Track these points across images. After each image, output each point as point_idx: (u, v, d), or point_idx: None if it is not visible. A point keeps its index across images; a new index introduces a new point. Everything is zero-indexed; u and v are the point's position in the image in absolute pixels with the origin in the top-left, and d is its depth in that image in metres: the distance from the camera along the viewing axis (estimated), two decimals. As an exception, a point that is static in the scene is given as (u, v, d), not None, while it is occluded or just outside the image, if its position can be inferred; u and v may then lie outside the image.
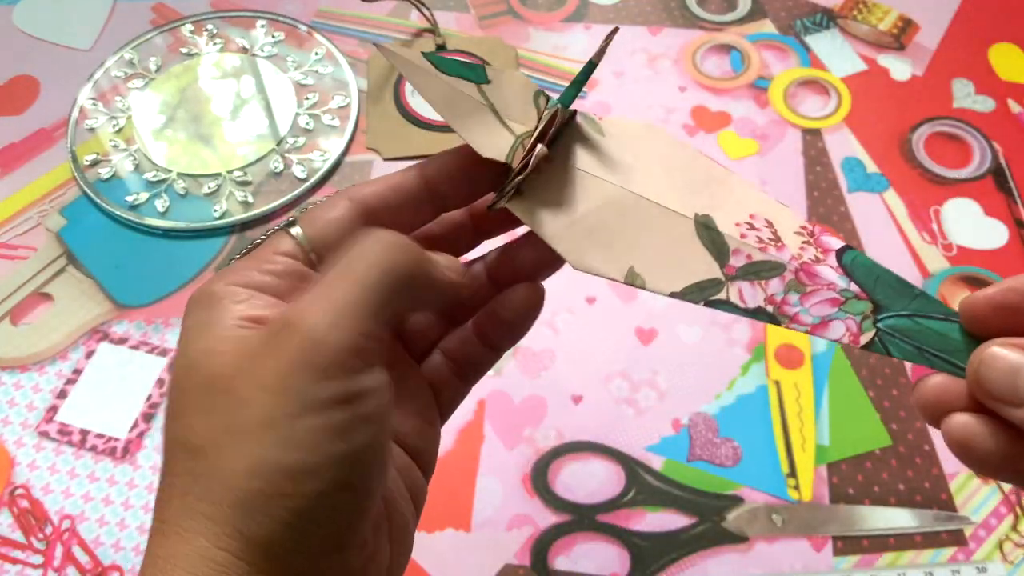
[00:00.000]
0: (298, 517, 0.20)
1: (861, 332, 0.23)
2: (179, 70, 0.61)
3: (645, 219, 0.25)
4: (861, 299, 0.23)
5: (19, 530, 0.44)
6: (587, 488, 0.45)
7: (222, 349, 0.21)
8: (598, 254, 0.24)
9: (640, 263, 0.24)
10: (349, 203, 0.25)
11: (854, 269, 0.24)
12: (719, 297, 0.23)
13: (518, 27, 0.64)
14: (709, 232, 0.24)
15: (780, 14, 0.64)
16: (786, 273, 0.24)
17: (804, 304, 0.23)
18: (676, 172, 0.26)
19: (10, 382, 0.48)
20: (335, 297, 0.21)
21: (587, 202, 0.25)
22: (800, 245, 0.24)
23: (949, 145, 0.58)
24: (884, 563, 0.43)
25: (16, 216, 0.55)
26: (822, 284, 0.23)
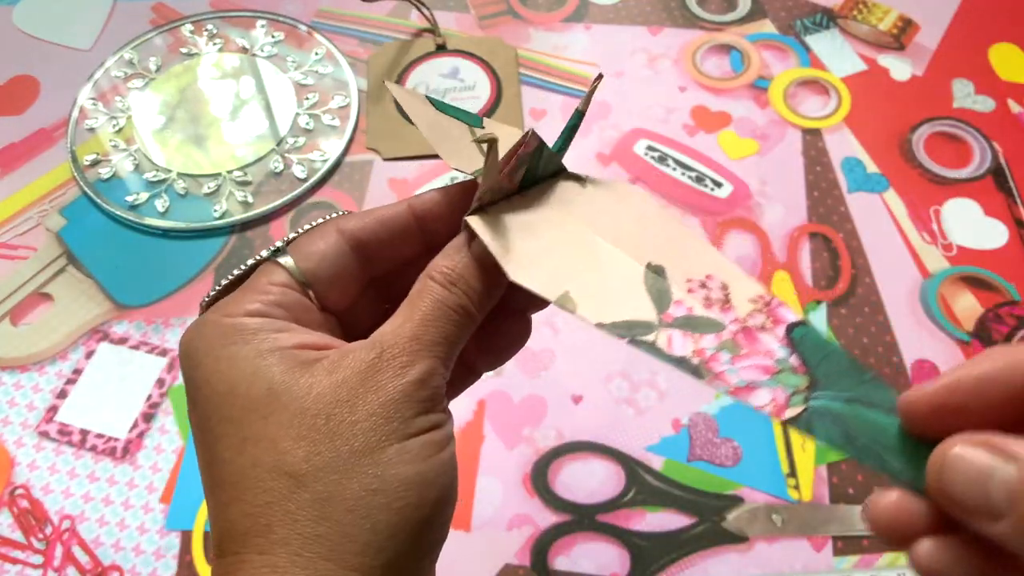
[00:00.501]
0: (425, 525, 0.22)
1: (788, 406, 0.21)
2: (179, 70, 0.61)
3: (596, 257, 0.25)
4: (798, 373, 0.22)
5: (19, 530, 0.44)
6: (587, 488, 0.45)
7: (309, 379, 0.22)
8: (538, 273, 0.24)
9: (577, 290, 0.24)
10: (339, 236, 0.26)
11: (802, 343, 0.23)
12: (646, 339, 0.23)
13: (518, 27, 0.64)
14: (656, 280, 0.24)
15: (780, 14, 0.64)
16: (723, 332, 0.23)
17: (734, 364, 0.22)
18: (646, 226, 0.26)
19: (10, 382, 0.48)
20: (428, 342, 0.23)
21: (545, 232, 0.25)
22: (749, 312, 0.23)
23: (949, 145, 0.58)
24: (884, 563, 0.43)
25: (16, 216, 0.55)
26: (759, 351, 0.23)
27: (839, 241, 0.53)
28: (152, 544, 0.43)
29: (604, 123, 0.58)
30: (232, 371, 0.22)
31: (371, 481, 0.21)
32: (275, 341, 0.23)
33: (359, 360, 0.22)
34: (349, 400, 0.22)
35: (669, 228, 0.26)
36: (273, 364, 0.22)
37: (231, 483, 0.21)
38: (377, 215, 0.26)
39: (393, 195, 0.55)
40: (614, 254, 0.25)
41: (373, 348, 0.23)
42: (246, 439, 0.22)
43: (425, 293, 0.24)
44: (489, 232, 0.25)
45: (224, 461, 0.22)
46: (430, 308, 0.23)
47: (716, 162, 0.57)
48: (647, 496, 0.45)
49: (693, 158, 0.57)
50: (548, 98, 0.60)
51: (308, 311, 0.25)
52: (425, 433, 0.22)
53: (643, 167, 0.56)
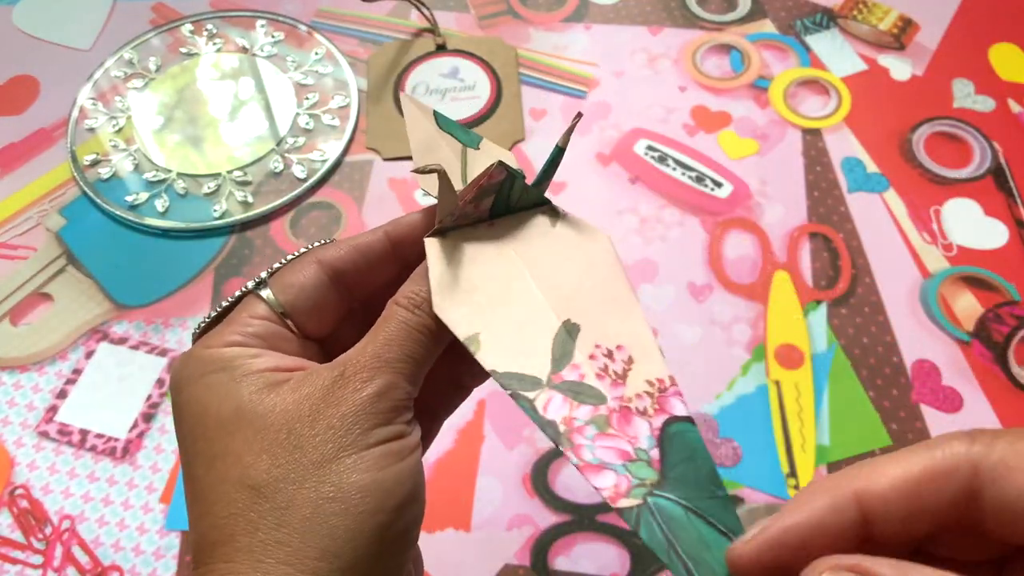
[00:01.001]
0: (385, 530, 0.22)
1: (627, 494, 0.21)
2: (178, 70, 0.61)
3: (521, 303, 0.25)
4: (651, 467, 0.22)
5: (19, 530, 0.44)
6: (587, 488, 0.45)
7: (274, 397, 0.23)
8: (461, 310, 0.25)
9: (488, 334, 0.24)
10: (318, 267, 0.27)
11: (671, 440, 0.22)
12: (526, 395, 0.23)
13: (518, 27, 0.64)
14: (565, 340, 0.24)
15: (780, 14, 0.64)
16: (601, 407, 0.23)
17: (595, 442, 0.22)
18: (588, 280, 0.26)
19: (10, 382, 0.48)
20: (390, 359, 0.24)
21: (487, 267, 0.26)
22: (638, 392, 0.23)
23: (949, 145, 0.58)
24: (884, 563, 0.43)
25: (16, 216, 0.55)
26: (626, 435, 0.22)
27: (839, 241, 0.53)
28: (152, 544, 0.43)
29: (604, 123, 0.58)
30: (208, 395, 0.24)
31: (328, 489, 0.22)
32: (249, 366, 0.24)
33: (323, 377, 0.24)
34: (310, 415, 0.23)
35: (610, 287, 0.26)
36: (243, 386, 0.24)
37: (202, 498, 0.23)
38: (355, 244, 0.27)
39: (393, 195, 0.55)
40: (539, 304, 0.25)
41: (337, 367, 0.24)
42: (215, 456, 0.23)
43: (390, 317, 0.25)
44: (437, 256, 0.25)
45: (197, 478, 0.23)
46: (394, 329, 0.25)
47: (716, 162, 0.56)
48: (647, 496, 0.45)
49: (693, 158, 0.57)
50: (548, 98, 0.59)
51: (287, 340, 0.26)
52: (384, 444, 0.23)
53: (643, 167, 0.56)
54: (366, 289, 0.28)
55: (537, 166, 0.56)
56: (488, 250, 0.26)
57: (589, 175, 0.56)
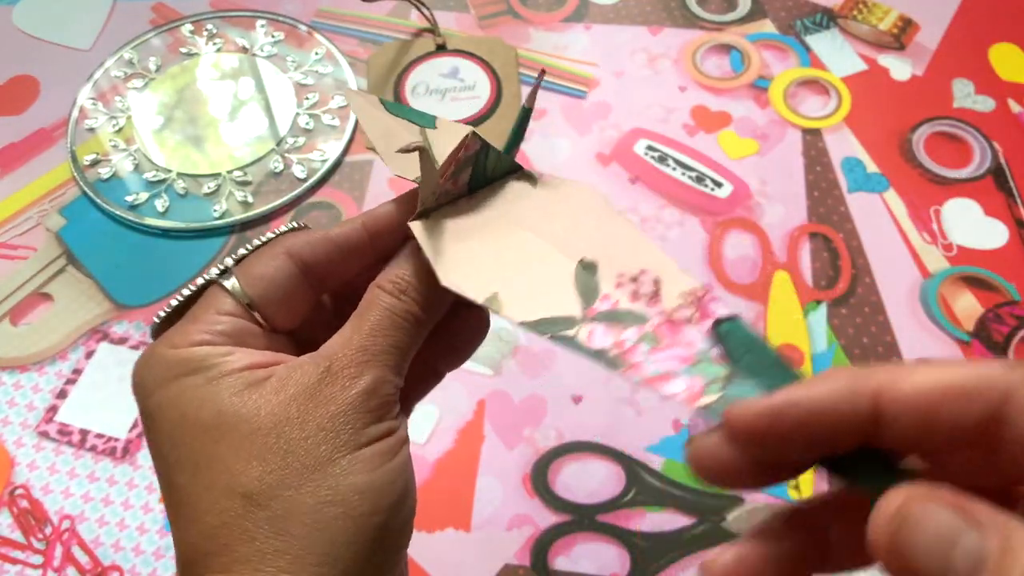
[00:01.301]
0: (382, 531, 0.22)
1: (703, 393, 0.21)
2: (178, 70, 0.61)
3: (529, 256, 0.25)
4: (718, 364, 0.21)
5: (19, 530, 0.44)
6: (587, 488, 0.45)
7: (257, 399, 0.22)
8: (470, 275, 0.24)
9: (506, 292, 0.24)
10: (288, 258, 0.25)
11: (727, 337, 0.22)
12: (566, 334, 0.23)
13: (518, 27, 0.64)
14: (586, 276, 0.24)
15: (780, 14, 0.64)
16: (646, 325, 0.23)
17: (651, 355, 0.22)
18: (587, 223, 0.26)
19: (10, 382, 0.48)
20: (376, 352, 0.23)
21: (482, 234, 0.25)
22: (677, 305, 0.23)
23: (949, 145, 0.57)
24: (884, 563, 0.43)
25: (16, 216, 0.55)
26: (680, 342, 0.22)
27: (839, 241, 0.53)
28: (152, 544, 0.43)
29: (604, 123, 0.58)
30: (181, 399, 0.23)
31: (325, 493, 0.21)
32: (223, 366, 0.23)
33: (307, 375, 0.23)
34: (299, 416, 0.22)
35: (611, 224, 0.26)
36: (221, 388, 0.23)
37: (188, 506, 0.22)
38: (329, 235, 0.26)
39: (393, 195, 0.55)
40: (547, 252, 0.25)
41: (321, 362, 0.23)
42: (198, 463, 0.22)
43: (374, 304, 0.24)
44: (427, 237, 0.25)
45: (179, 486, 0.22)
46: (378, 318, 0.24)
47: (716, 162, 0.56)
48: (647, 496, 0.45)
49: (693, 158, 0.57)
50: (548, 98, 0.59)
51: (256, 335, 0.25)
52: (377, 442, 0.23)
53: (643, 167, 0.56)
54: (339, 280, 0.27)
55: (537, 166, 0.56)
56: (476, 219, 0.26)
57: (589, 175, 0.56)
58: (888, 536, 0.16)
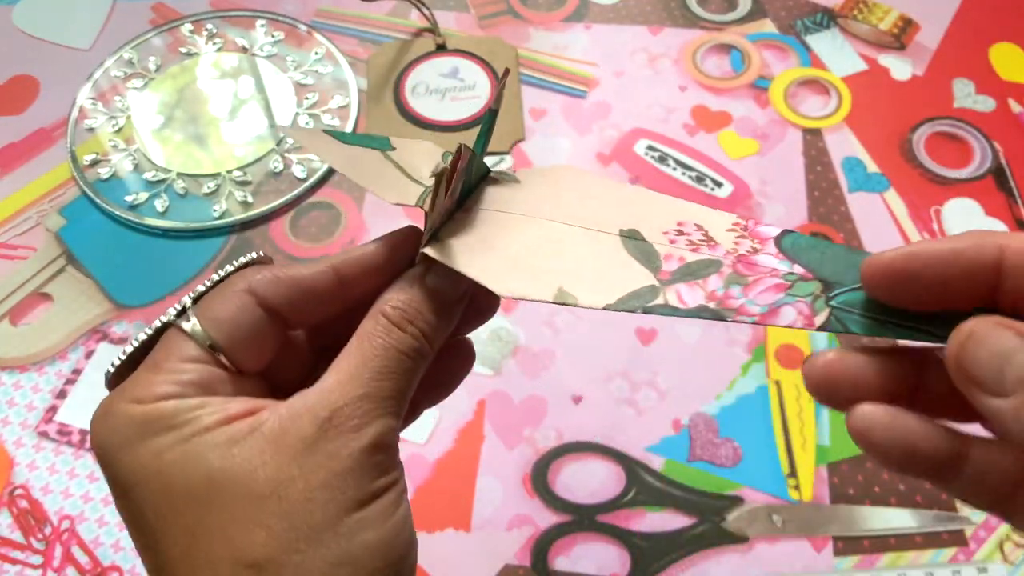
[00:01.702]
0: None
1: (814, 313, 0.21)
2: (178, 70, 0.61)
3: (568, 242, 0.24)
4: (808, 280, 0.22)
5: (18, 530, 0.44)
6: (587, 488, 0.45)
7: (251, 459, 0.21)
8: (523, 279, 0.23)
9: (569, 282, 0.23)
10: (251, 296, 0.24)
11: (796, 251, 0.23)
12: (656, 303, 0.22)
13: (518, 27, 0.63)
14: (636, 243, 0.24)
15: (780, 14, 0.64)
16: (723, 268, 0.23)
17: (748, 295, 0.22)
18: (594, 198, 0.25)
19: (9, 382, 0.48)
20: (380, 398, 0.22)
21: (506, 237, 0.24)
22: (734, 240, 0.23)
23: (949, 145, 0.57)
24: (885, 563, 0.43)
25: (15, 216, 0.55)
26: (763, 272, 0.22)
27: (839, 241, 0.53)
28: (152, 544, 0.43)
29: (604, 123, 0.58)
30: (160, 463, 0.21)
31: (335, 555, 0.21)
32: (197, 422, 0.21)
33: (304, 427, 0.21)
34: (301, 475, 0.21)
35: (616, 193, 0.25)
36: (203, 448, 0.21)
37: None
38: (294, 277, 0.24)
39: (393, 195, 0.55)
40: (582, 235, 0.24)
41: (318, 412, 0.21)
42: (194, 534, 0.20)
43: (376, 336, 0.22)
44: (452, 257, 0.23)
45: (173, 559, 0.21)
46: (383, 358, 0.22)
47: (716, 162, 0.56)
48: (647, 496, 0.44)
49: (693, 158, 0.57)
50: (548, 98, 0.59)
51: (224, 381, 0.23)
52: (383, 495, 0.22)
53: (643, 167, 0.56)
54: (304, 324, 0.25)
55: (537, 166, 0.56)
56: (487, 228, 0.25)
57: (589, 175, 0.56)
58: (956, 350, 0.18)
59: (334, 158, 0.26)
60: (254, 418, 0.22)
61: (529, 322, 0.50)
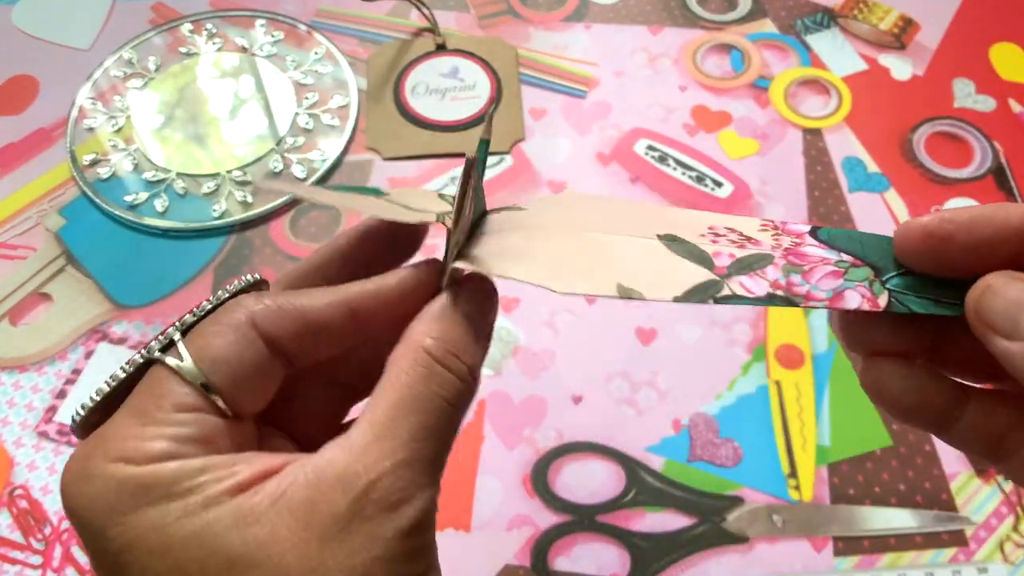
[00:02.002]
0: None
1: (875, 296, 0.21)
2: (178, 70, 0.61)
3: (607, 245, 0.23)
4: (859, 266, 0.22)
5: (18, 530, 0.44)
6: (587, 488, 0.45)
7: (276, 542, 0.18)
8: (579, 279, 0.22)
9: (626, 279, 0.22)
10: (252, 329, 0.20)
11: (835, 242, 0.23)
12: (725, 293, 0.21)
13: (518, 26, 0.63)
14: (679, 244, 0.23)
15: (780, 13, 0.64)
16: (776, 260, 0.22)
17: (810, 281, 0.22)
18: (611, 214, 0.24)
19: (9, 382, 0.48)
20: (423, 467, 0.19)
21: (539, 246, 0.23)
22: (772, 237, 0.23)
23: (950, 145, 0.57)
24: (885, 564, 0.43)
25: (15, 216, 0.55)
26: (816, 260, 0.22)
27: (840, 241, 0.53)
28: (151, 545, 0.43)
29: (604, 123, 0.58)
30: (164, 540, 0.18)
31: None
32: (204, 490, 0.18)
33: (337, 504, 0.18)
34: (335, 562, 0.18)
35: (633, 208, 0.25)
36: (219, 528, 0.18)
37: None
38: (302, 312, 0.21)
39: (393, 195, 0.55)
40: (622, 241, 0.23)
41: (352, 483, 0.18)
42: None
43: (416, 380, 0.20)
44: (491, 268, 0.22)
45: None
46: (425, 411, 0.19)
47: (716, 162, 0.56)
48: (647, 497, 0.44)
49: (693, 158, 0.57)
50: (548, 97, 0.59)
51: (221, 431, 0.20)
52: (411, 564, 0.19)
53: (643, 167, 0.56)
54: (312, 361, 0.22)
55: (537, 165, 0.56)
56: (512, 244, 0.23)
57: (589, 175, 0.56)
58: (975, 301, 0.20)
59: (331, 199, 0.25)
60: (273, 484, 0.19)
61: (529, 322, 0.50)
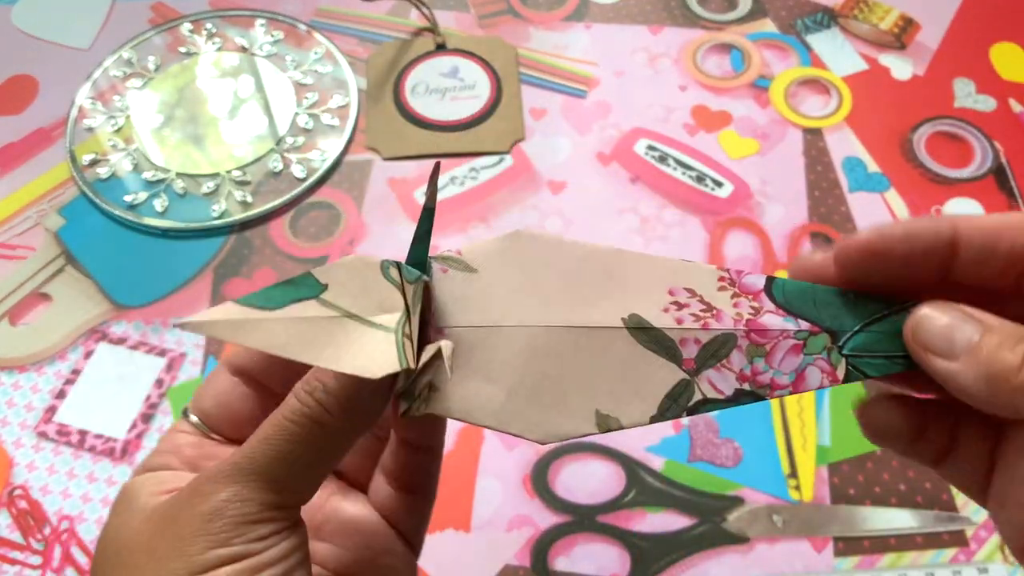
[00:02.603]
0: None
1: (834, 367, 0.22)
2: (178, 69, 0.61)
3: (581, 350, 0.22)
4: (816, 333, 0.22)
5: (18, 531, 0.44)
6: (587, 489, 0.45)
7: (131, 522, 0.22)
8: (556, 416, 0.22)
9: (603, 402, 0.22)
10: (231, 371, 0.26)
11: (790, 302, 0.23)
12: (696, 400, 0.22)
13: (518, 26, 0.63)
14: (647, 333, 0.22)
15: (781, 13, 0.64)
16: (740, 342, 0.22)
17: (773, 365, 0.22)
18: (572, 278, 0.23)
19: (8, 383, 0.48)
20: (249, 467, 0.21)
21: (510, 362, 0.22)
22: (732, 303, 0.23)
23: (950, 145, 0.57)
24: (885, 564, 0.43)
25: (15, 216, 0.54)
26: (776, 336, 0.22)
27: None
28: (151, 545, 0.43)
29: (604, 123, 0.58)
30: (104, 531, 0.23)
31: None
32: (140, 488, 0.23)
33: (181, 494, 0.22)
34: (151, 541, 0.21)
35: (587, 260, 0.23)
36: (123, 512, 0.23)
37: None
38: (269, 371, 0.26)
39: (393, 195, 0.55)
40: (591, 333, 0.22)
41: (195, 482, 0.22)
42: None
43: (277, 411, 0.22)
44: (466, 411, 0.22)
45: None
46: (266, 426, 0.22)
47: (717, 162, 0.56)
48: (648, 497, 0.44)
49: (694, 158, 0.57)
50: (548, 97, 0.59)
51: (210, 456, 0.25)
52: (222, 567, 0.20)
53: (643, 167, 0.56)
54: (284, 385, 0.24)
55: (537, 165, 0.56)
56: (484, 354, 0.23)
57: (589, 175, 0.56)
58: (912, 329, 0.21)
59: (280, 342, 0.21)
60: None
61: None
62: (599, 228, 0.54)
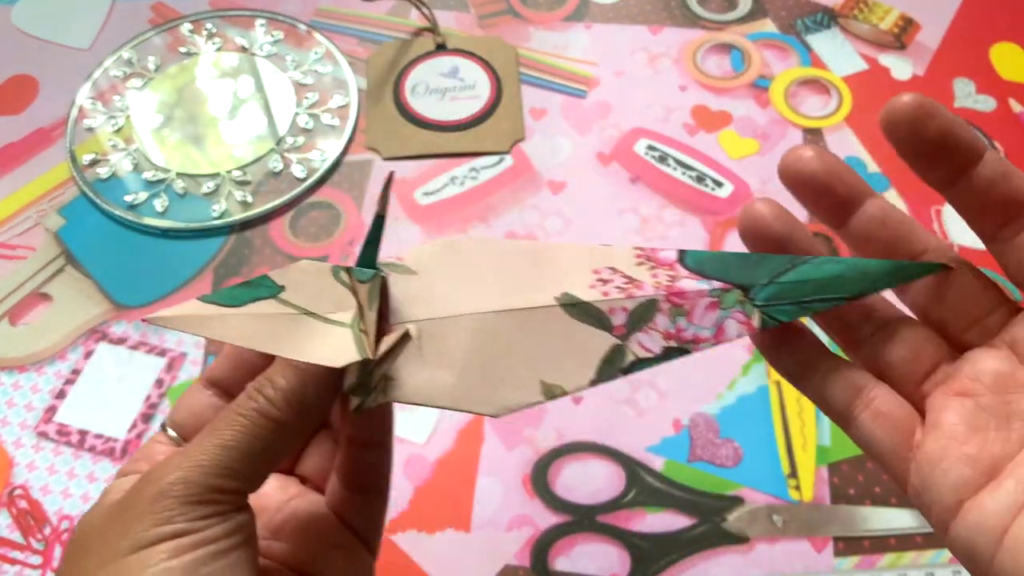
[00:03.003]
0: None
1: (749, 317, 0.24)
2: (178, 69, 0.61)
3: (521, 330, 0.24)
4: (728, 290, 0.24)
5: (18, 531, 0.44)
6: (587, 489, 0.45)
7: (94, 517, 0.23)
8: (505, 390, 0.24)
9: (547, 373, 0.24)
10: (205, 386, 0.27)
11: (702, 267, 0.24)
12: (629, 360, 0.24)
13: (518, 26, 0.63)
14: (579, 307, 0.24)
15: (781, 13, 0.64)
16: (662, 304, 0.24)
17: (693, 322, 0.24)
18: (505, 271, 0.25)
19: (8, 383, 0.48)
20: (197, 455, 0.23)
21: (458, 348, 0.24)
22: (651, 275, 0.25)
23: (950, 145, 0.57)
24: (885, 564, 0.43)
25: (15, 216, 0.54)
26: (693, 296, 0.24)
27: (841, 241, 0.53)
28: (151, 545, 0.43)
29: (604, 123, 0.58)
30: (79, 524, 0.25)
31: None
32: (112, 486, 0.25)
33: (134, 484, 0.23)
34: (103, 528, 0.23)
35: (517, 255, 0.25)
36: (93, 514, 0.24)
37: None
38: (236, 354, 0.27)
39: (393, 194, 0.55)
40: (530, 313, 0.24)
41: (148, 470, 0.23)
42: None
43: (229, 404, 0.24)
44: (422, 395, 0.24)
45: None
46: (219, 418, 0.23)
47: (717, 162, 0.56)
48: (647, 497, 0.44)
49: (694, 158, 0.57)
50: (548, 97, 0.59)
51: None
52: (160, 543, 0.22)
53: (643, 167, 0.56)
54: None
55: (537, 165, 0.56)
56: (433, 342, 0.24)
57: (589, 175, 0.56)
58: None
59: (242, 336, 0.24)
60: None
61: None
62: (599, 228, 0.54)
